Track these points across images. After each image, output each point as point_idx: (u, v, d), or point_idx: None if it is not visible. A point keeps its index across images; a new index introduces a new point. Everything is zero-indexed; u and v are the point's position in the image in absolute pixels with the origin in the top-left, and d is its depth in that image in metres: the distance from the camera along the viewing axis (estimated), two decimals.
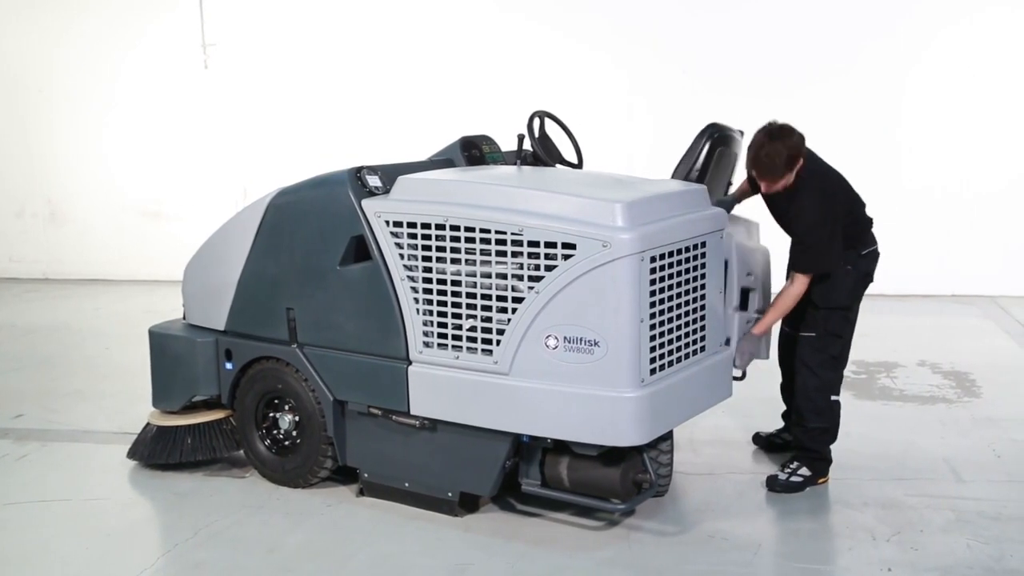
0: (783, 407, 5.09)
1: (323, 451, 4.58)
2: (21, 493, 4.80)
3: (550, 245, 3.82)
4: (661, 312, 3.90)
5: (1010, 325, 7.89)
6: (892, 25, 8.80)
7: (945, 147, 8.85)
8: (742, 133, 4.97)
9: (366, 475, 4.55)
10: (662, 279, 3.88)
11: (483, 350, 4.02)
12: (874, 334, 7.57)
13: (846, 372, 6.55)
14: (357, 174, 4.38)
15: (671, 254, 3.92)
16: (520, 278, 3.91)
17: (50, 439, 5.54)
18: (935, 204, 8.88)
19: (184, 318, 5.10)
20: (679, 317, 4.02)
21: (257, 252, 4.65)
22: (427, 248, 4.10)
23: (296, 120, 9.84)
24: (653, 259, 3.81)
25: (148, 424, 5.04)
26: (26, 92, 10.49)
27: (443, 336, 4.12)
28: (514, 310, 3.91)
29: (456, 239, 4.01)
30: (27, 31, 10.37)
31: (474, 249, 3.99)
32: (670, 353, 4.00)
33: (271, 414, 4.78)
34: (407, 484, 4.42)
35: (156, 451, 4.94)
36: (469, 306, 4.04)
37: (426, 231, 4.08)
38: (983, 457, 5.04)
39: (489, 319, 4.00)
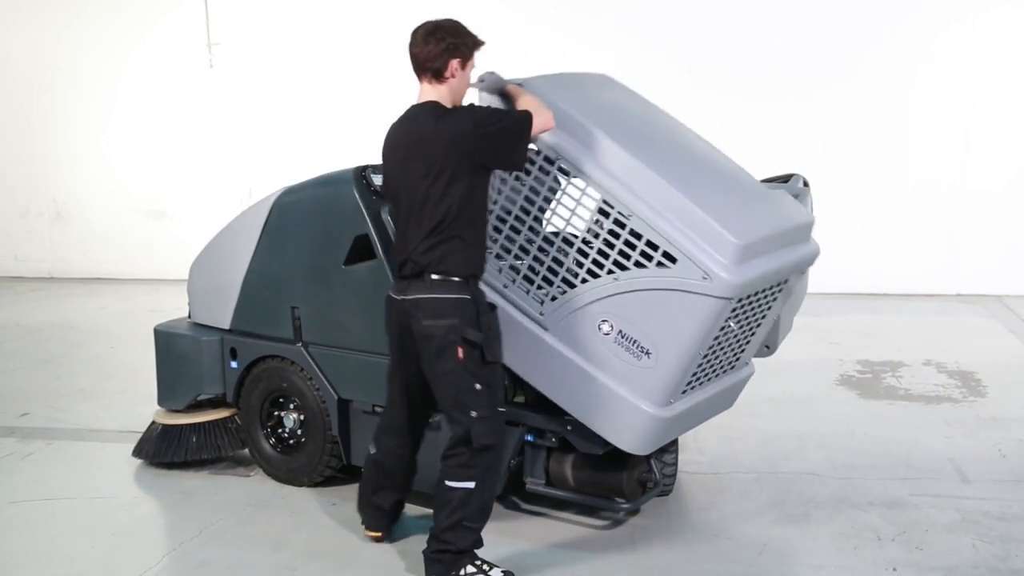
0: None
1: (328, 450, 4.58)
2: (26, 491, 4.81)
3: (652, 246, 3.62)
4: (718, 341, 3.81)
5: (1016, 325, 7.88)
6: (895, 24, 8.79)
7: (950, 146, 8.84)
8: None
9: None
10: (735, 313, 3.75)
11: (535, 295, 3.88)
12: (879, 333, 7.58)
13: (852, 371, 6.58)
14: (362, 173, 4.38)
15: (756, 294, 3.79)
16: (604, 255, 3.71)
17: (55, 437, 5.55)
18: (940, 203, 8.87)
19: (189, 317, 5.10)
20: (730, 344, 3.97)
21: (262, 251, 4.65)
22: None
23: (301, 119, 9.85)
24: (740, 300, 3.69)
25: (153, 423, 5.04)
26: (31, 92, 10.52)
27: (500, 258, 3.94)
28: (584, 280, 3.76)
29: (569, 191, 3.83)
30: (32, 31, 10.39)
31: (577, 205, 3.81)
32: (704, 374, 3.97)
33: (276, 413, 4.79)
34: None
35: (161, 450, 4.95)
36: (542, 250, 3.89)
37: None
38: (988, 457, 5.03)
39: (555, 273, 3.83)
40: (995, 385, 6.22)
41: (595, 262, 3.75)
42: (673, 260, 3.59)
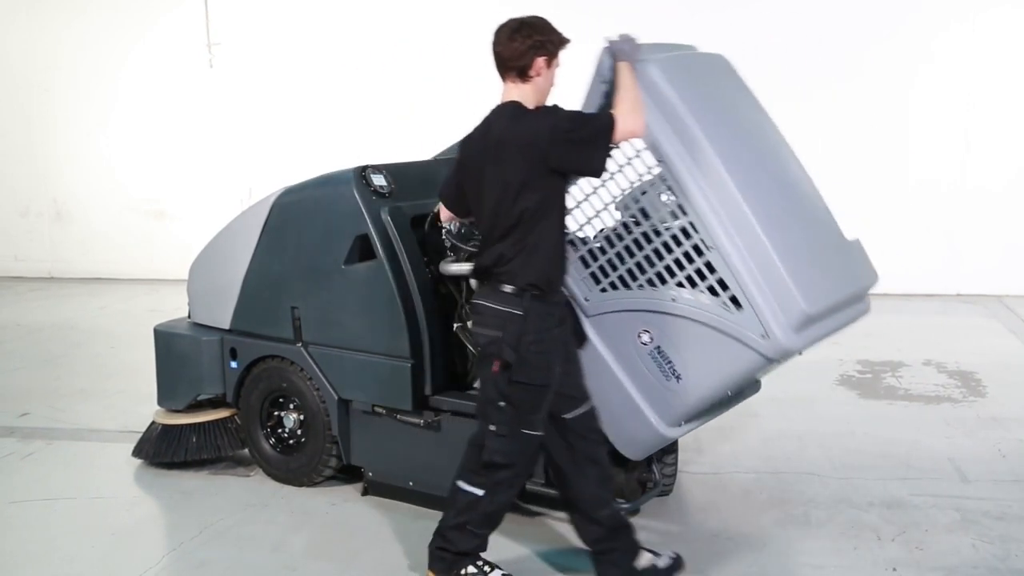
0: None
1: (327, 450, 4.58)
2: (26, 491, 4.81)
3: (722, 284, 3.50)
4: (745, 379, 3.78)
5: (1016, 325, 7.88)
6: (895, 24, 8.79)
7: (950, 146, 8.83)
8: None
9: (370, 474, 4.55)
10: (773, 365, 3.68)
11: (587, 279, 3.77)
12: (879, 333, 7.56)
13: (852, 371, 6.58)
14: (362, 173, 4.38)
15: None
16: (671, 271, 3.59)
17: (55, 437, 5.55)
18: (941, 203, 8.87)
19: (189, 317, 5.10)
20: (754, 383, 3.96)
21: (262, 251, 4.65)
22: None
23: (301, 119, 9.85)
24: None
25: (153, 423, 5.04)
26: (32, 91, 10.52)
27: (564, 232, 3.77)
28: (641, 286, 3.67)
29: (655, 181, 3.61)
30: (32, 31, 10.39)
31: (662, 203, 3.62)
32: (720, 404, 3.96)
33: (276, 413, 4.79)
34: (411, 483, 4.42)
35: (161, 450, 4.95)
36: (609, 240, 3.72)
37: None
38: (988, 457, 5.03)
39: (615, 267, 3.71)
40: (995, 385, 6.22)
41: (659, 274, 3.63)
42: (738, 306, 3.48)
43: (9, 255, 10.78)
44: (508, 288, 3.46)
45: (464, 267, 4.21)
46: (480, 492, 3.58)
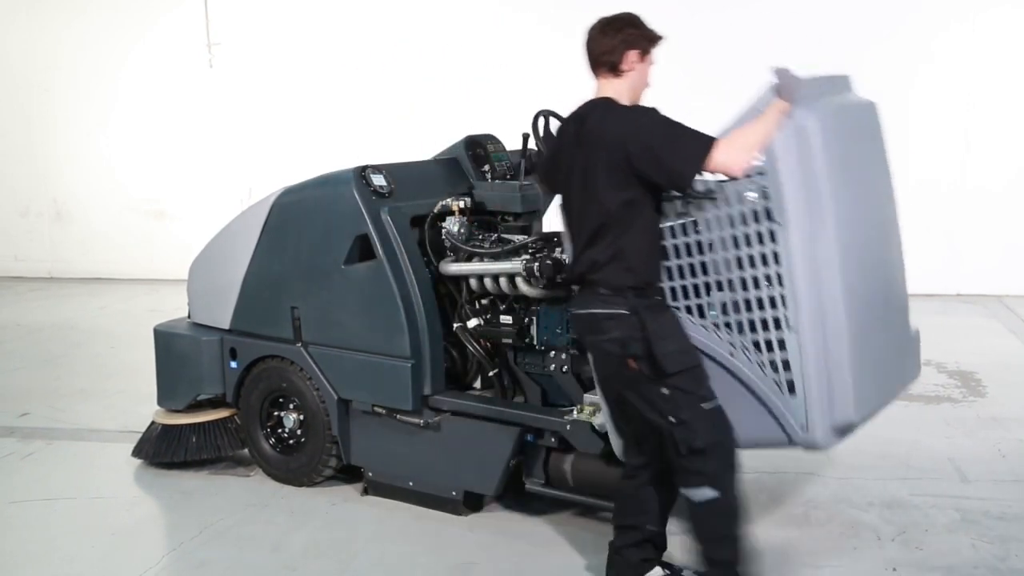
0: None
1: (327, 450, 4.58)
2: (26, 491, 4.81)
3: (786, 365, 3.31)
4: None
5: (1016, 325, 7.87)
6: (895, 24, 8.78)
7: (950, 146, 8.83)
8: None
9: (370, 474, 4.55)
10: None
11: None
12: None
13: None
14: (362, 173, 4.38)
15: None
16: (740, 326, 3.38)
17: (55, 437, 5.55)
18: (941, 203, 8.86)
19: (189, 317, 5.10)
20: None
21: (262, 251, 4.65)
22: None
23: (301, 119, 9.85)
24: None
25: (153, 423, 5.04)
26: (31, 92, 10.52)
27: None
28: (704, 327, 3.42)
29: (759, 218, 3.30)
30: (32, 31, 10.40)
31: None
32: None
33: (276, 413, 4.79)
34: (411, 483, 4.42)
35: (161, 450, 4.95)
36: (692, 269, 3.42)
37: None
38: (988, 457, 5.03)
39: (687, 295, 3.45)
40: (995, 385, 6.22)
41: (728, 324, 3.40)
42: (792, 392, 3.34)
43: (9, 255, 10.78)
44: (605, 290, 3.32)
45: (464, 267, 4.22)
46: (712, 492, 3.31)
